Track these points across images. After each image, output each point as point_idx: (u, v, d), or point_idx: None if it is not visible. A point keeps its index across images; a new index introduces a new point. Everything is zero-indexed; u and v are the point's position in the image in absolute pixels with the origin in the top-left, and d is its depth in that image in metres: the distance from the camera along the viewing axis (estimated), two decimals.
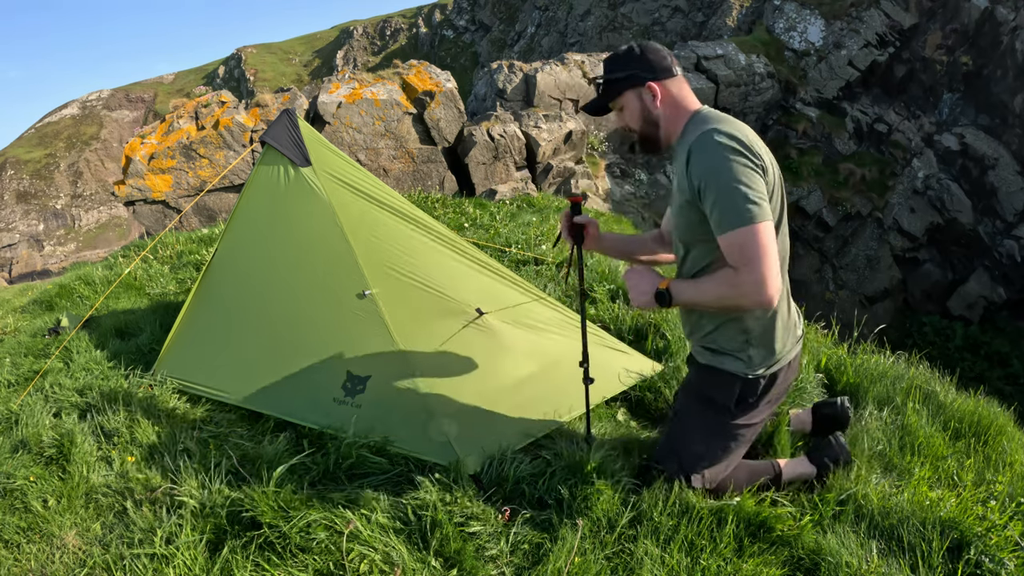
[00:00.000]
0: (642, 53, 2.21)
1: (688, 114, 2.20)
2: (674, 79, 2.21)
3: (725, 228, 1.96)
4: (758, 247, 1.91)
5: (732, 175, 1.94)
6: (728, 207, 1.94)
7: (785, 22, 17.40)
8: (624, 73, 2.21)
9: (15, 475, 2.50)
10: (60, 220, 33.85)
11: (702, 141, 2.02)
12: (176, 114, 8.29)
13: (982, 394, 3.44)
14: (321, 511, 2.20)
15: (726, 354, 2.24)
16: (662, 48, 2.24)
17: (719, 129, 2.01)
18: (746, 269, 1.93)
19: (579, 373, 2.68)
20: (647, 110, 2.22)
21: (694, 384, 2.42)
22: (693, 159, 2.03)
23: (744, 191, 1.93)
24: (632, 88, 2.21)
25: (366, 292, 3.00)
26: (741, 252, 1.94)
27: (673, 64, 2.22)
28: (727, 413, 2.28)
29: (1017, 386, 11.90)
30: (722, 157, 1.96)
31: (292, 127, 3.32)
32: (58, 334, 4.14)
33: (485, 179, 9.53)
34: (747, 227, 1.92)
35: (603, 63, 2.30)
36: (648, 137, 2.26)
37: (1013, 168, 13.71)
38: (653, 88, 2.19)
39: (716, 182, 1.96)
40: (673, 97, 2.20)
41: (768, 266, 1.91)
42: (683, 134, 2.19)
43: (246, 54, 46.03)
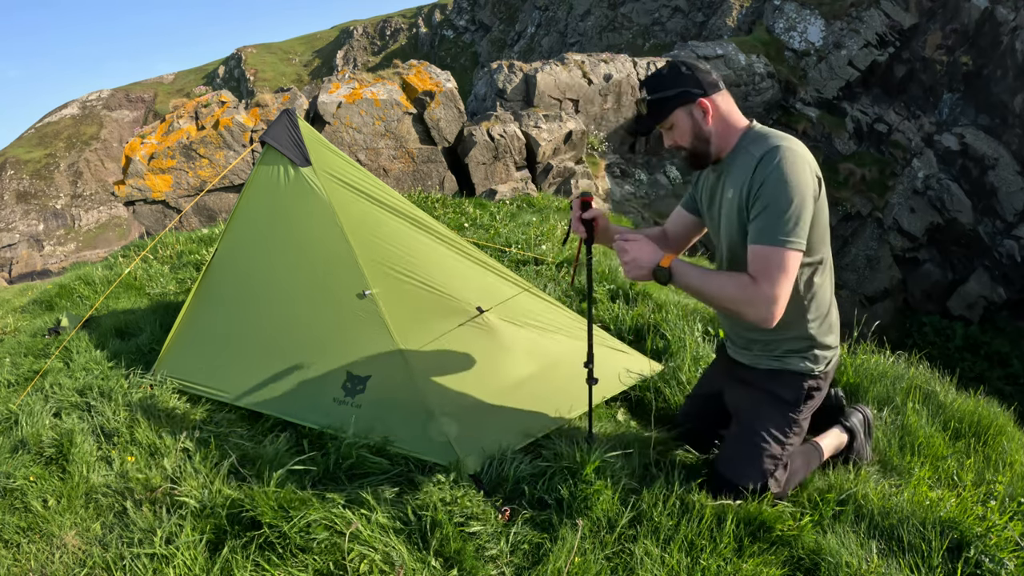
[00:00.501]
0: (689, 70, 2.19)
1: (739, 129, 2.23)
2: (721, 93, 2.22)
3: (763, 240, 2.04)
4: (784, 269, 2.02)
5: (792, 195, 2.01)
6: (774, 222, 2.02)
7: (785, 22, 17.40)
8: (674, 91, 2.19)
9: (15, 475, 2.50)
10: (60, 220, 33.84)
11: (774, 154, 2.05)
12: (176, 114, 8.29)
13: (982, 394, 3.44)
14: (321, 511, 2.20)
15: (793, 355, 2.33)
16: (704, 63, 2.25)
17: (792, 148, 2.06)
18: (766, 283, 2.03)
19: (579, 373, 2.67)
20: (698, 127, 2.21)
21: (758, 388, 2.41)
22: (761, 168, 2.06)
23: (796, 216, 2.02)
24: (682, 106, 2.20)
25: (366, 292, 3.00)
26: (767, 267, 2.03)
27: (718, 79, 2.23)
28: (796, 410, 2.37)
29: (1017, 386, 11.90)
30: (789, 175, 2.02)
31: (292, 127, 3.32)
32: (58, 334, 4.14)
33: (485, 179, 9.53)
34: (783, 248, 2.02)
35: (646, 83, 2.27)
36: (698, 153, 2.26)
37: (1013, 168, 13.71)
38: (704, 104, 2.18)
39: (774, 194, 2.02)
40: (723, 112, 2.21)
41: (784, 290, 2.03)
42: (738, 149, 2.21)
43: (246, 54, 46.02)
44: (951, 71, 15.39)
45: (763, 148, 2.09)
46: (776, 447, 2.36)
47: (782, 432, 2.36)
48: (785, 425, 2.37)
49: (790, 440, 2.39)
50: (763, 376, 2.39)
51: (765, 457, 2.34)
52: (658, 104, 2.22)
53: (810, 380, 2.35)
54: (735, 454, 2.42)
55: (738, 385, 2.50)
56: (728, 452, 2.46)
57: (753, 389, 2.43)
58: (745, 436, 2.39)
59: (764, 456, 2.34)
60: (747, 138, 2.20)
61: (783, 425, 2.37)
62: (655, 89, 2.22)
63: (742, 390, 2.48)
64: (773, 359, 2.36)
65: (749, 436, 2.38)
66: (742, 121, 2.24)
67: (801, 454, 2.53)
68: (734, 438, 2.46)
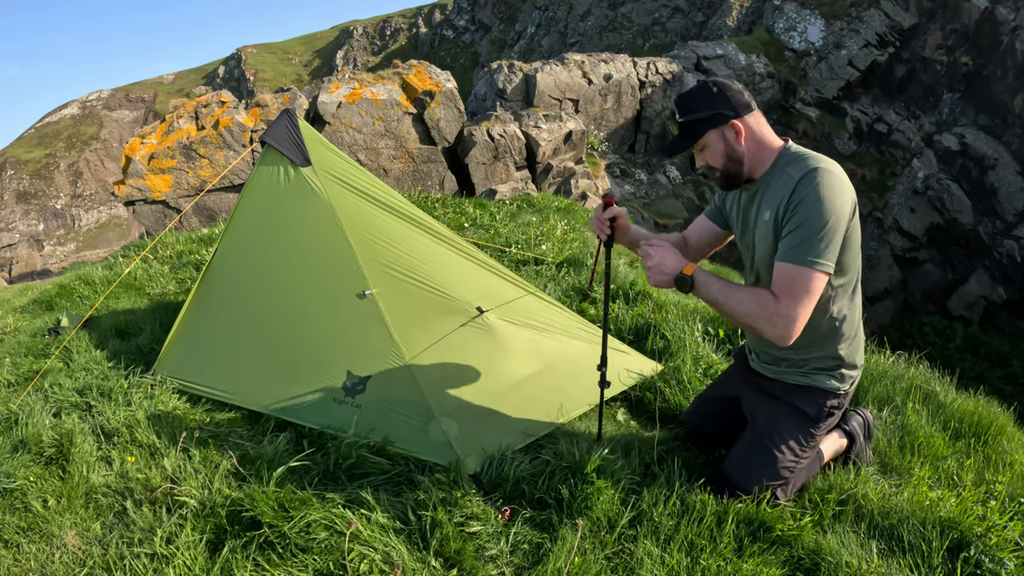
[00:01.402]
0: (720, 91, 2.16)
1: (774, 149, 2.20)
2: (753, 114, 2.18)
3: (791, 259, 2.03)
4: (808, 291, 2.01)
5: (827, 217, 2.00)
6: (806, 242, 2.01)
7: (785, 22, 17.40)
8: (707, 113, 2.15)
9: (15, 475, 2.50)
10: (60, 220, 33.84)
11: (814, 176, 2.03)
12: (176, 114, 8.29)
13: (982, 394, 3.44)
14: (321, 511, 2.20)
15: (820, 373, 2.33)
16: (735, 83, 2.21)
17: (832, 171, 2.04)
18: (788, 302, 2.02)
19: (579, 373, 2.67)
20: (731, 148, 2.18)
21: (780, 399, 2.41)
22: (799, 189, 2.04)
23: (828, 239, 2.00)
24: (715, 128, 2.16)
25: (366, 292, 3.00)
26: (791, 286, 2.02)
27: (751, 99, 2.19)
28: (816, 426, 2.37)
29: (1017, 386, 11.90)
30: (826, 196, 2.00)
31: (292, 127, 3.31)
32: (58, 334, 4.14)
33: (485, 179, 9.53)
34: (810, 269, 2.00)
35: (677, 103, 2.24)
36: (731, 174, 2.23)
37: (1013, 168, 13.71)
38: (737, 126, 2.15)
39: (810, 214, 2.01)
40: (755, 133, 2.18)
41: (806, 311, 2.02)
42: (773, 169, 2.18)
43: (246, 54, 46.01)
44: (951, 71, 15.39)
45: (802, 169, 2.07)
46: (791, 459, 2.36)
47: (799, 445, 2.36)
48: (803, 438, 2.37)
49: (805, 454, 2.39)
50: (787, 389, 2.39)
51: (779, 467, 2.34)
52: (690, 126, 2.19)
53: (833, 399, 2.35)
54: (748, 459, 2.40)
55: (758, 394, 2.49)
56: (741, 456, 2.44)
57: (775, 400, 2.42)
58: (761, 444, 2.38)
59: (778, 466, 2.34)
60: (783, 158, 2.17)
61: (801, 438, 2.36)
62: (687, 110, 2.19)
63: (763, 398, 2.47)
64: (800, 375, 2.36)
65: (766, 444, 2.37)
66: (776, 141, 2.21)
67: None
68: (749, 444, 2.44)
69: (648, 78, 14.09)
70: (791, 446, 2.35)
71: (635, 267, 5.67)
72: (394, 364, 2.87)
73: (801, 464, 2.40)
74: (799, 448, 2.36)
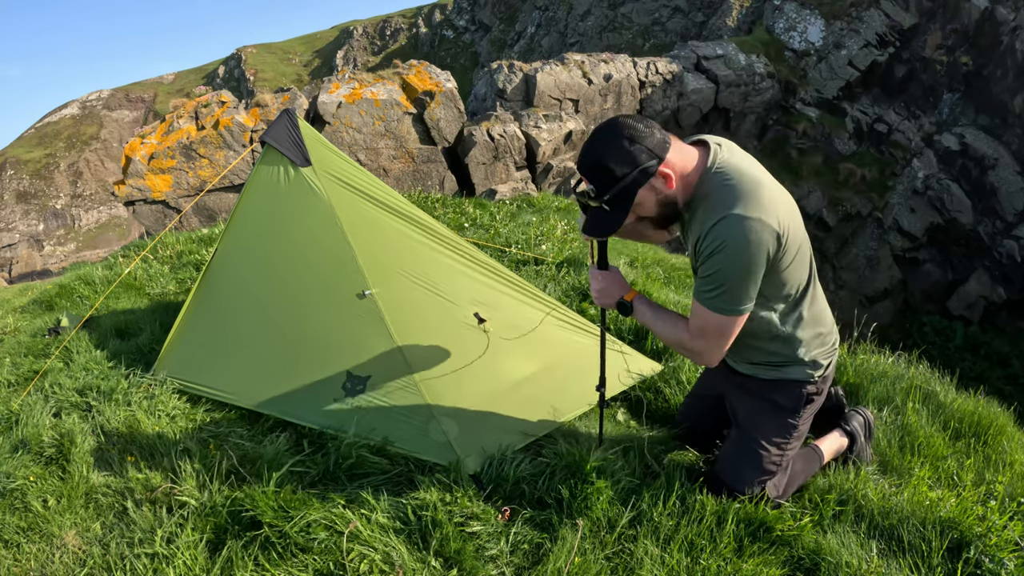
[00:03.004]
0: (633, 139, 1.93)
1: (695, 173, 2.02)
2: (672, 147, 1.99)
3: (704, 302, 2.05)
4: (719, 334, 2.07)
5: (738, 269, 1.95)
6: (717, 290, 2.00)
7: (785, 22, 17.40)
8: (632, 173, 1.94)
9: (15, 475, 2.50)
10: (60, 220, 33.83)
11: (726, 225, 1.90)
12: (176, 114, 8.29)
13: (982, 394, 3.44)
14: (321, 511, 2.20)
15: (791, 365, 2.31)
16: (638, 119, 1.98)
17: (744, 216, 1.89)
18: (699, 341, 2.11)
19: (579, 373, 2.68)
20: (662, 195, 2.02)
21: (757, 395, 2.40)
22: (712, 233, 1.93)
23: (741, 287, 1.98)
24: (644, 184, 1.97)
25: (366, 292, 3.00)
26: (703, 329, 2.08)
27: (661, 130, 1.99)
28: (796, 416, 2.36)
29: (1017, 386, 11.90)
30: (738, 248, 1.90)
31: (292, 127, 3.31)
32: (58, 334, 4.14)
33: (485, 179, 9.53)
34: (723, 316, 2.03)
35: (589, 173, 1.98)
36: (665, 217, 2.10)
37: (1013, 168, 13.70)
38: (664, 172, 1.96)
39: (720, 265, 1.95)
40: (679, 169, 2.00)
41: (717, 349, 2.11)
42: (695, 198, 2.04)
43: (246, 54, 46.00)
44: (951, 71, 15.39)
45: (715, 215, 1.93)
46: (775, 453, 2.36)
47: (782, 438, 2.36)
48: (785, 431, 2.37)
49: (790, 445, 2.39)
50: (762, 384, 2.38)
51: (764, 463, 2.34)
52: (622, 195, 1.97)
53: (809, 386, 2.34)
54: (734, 459, 2.42)
55: (737, 390, 2.49)
56: (727, 456, 2.46)
57: (752, 396, 2.42)
58: (744, 442, 2.40)
59: (763, 462, 2.34)
60: (702, 186, 2.01)
61: (782, 431, 2.36)
62: (610, 180, 1.95)
63: (742, 395, 2.47)
64: (772, 369, 2.35)
65: (748, 442, 2.38)
66: (693, 161, 2.03)
67: (801, 458, 2.54)
68: (733, 443, 2.47)
69: (648, 78, 14.09)
70: (774, 441, 2.35)
71: (635, 267, 5.68)
72: (394, 364, 2.87)
73: (788, 455, 2.40)
74: (783, 441, 2.36)
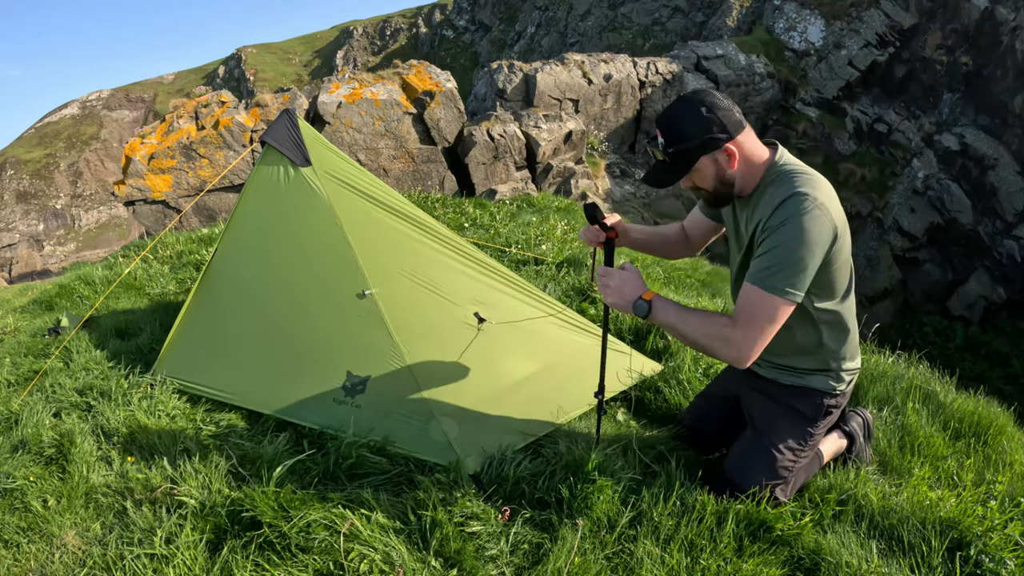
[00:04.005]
0: (711, 111, 2.03)
1: (763, 165, 2.11)
2: (745, 132, 2.09)
3: (759, 283, 1.99)
4: (769, 318, 1.97)
5: (802, 247, 1.94)
6: (776, 268, 1.96)
7: (785, 22, 17.40)
8: (700, 139, 2.03)
9: (15, 475, 2.50)
10: (60, 220, 33.83)
11: (794, 202, 1.96)
12: (176, 114, 8.29)
13: (982, 394, 3.44)
14: (321, 511, 2.20)
15: (816, 375, 2.32)
16: (724, 98, 2.08)
17: (814, 196, 1.96)
18: (746, 327, 1.99)
19: (579, 372, 2.68)
20: (722, 172, 2.10)
21: (778, 399, 2.40)
22: (780, 211, 1.98)
23: (800, 268, 1.95)
24: (707, 153, 2.06)
25: (366, 292, 3.00)
26: (752, 310, 1.98)
27: (741, 115, 2.09)
28: (814, 425, 2.36)
29: (1017, 386, 11.90)
30: (806, 225, 1.94)
31: (292, 127, 3.31)
32: (58, 334, 4.14)
33: (485, 179, 9.53)
34: (776, 296, 1.96)
35: (665, 130, 2.08)
36: (720, 196, 2.17)
37: (1013, 168, 13.71)
38: (730, 149, 2.05)
39: (783, 241, 1.96)
40: (747, 154, 2.09)
41: (764, 337, 1.99)
42: (761, 185, 2.11)
43: (246, 54, 46.00)
44: (951, 71, 15.39)
45: (785, 192, 2.00)
46: (790, 459, 2.36)
47: (798, 444, 2.36)
48: (801, 438, 2.37)
49: (804, 453, 2.39)
50: (784, 390, 2.38)
51: (778, 467, 2.34)
52: (683, 156, 2.08)
53: (831, 399, 2.35)
54: (747, 460, 2.40)
55: (756, 393, 2.48)
56: (740, 457, 2.44)
57: (772, 400, 2.42)
58: (760, 444, 2.38)
59: (777, 466, 2.34)
60: (770, 175, 2.10)
61: (799, 438, 2.36)
62: (677, 138, 2.06)
63: (761, 398, 2.46)
64: (796, 377, 2.35)
65: (764, 445, 2.37)
66: (764, 154, 2.13)
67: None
68: (748, 444, 2.44)
69: (648, 78, 14.09)
70: (790, 446, 2.35)
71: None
72: (394, 364, 2.87)
73: (800, 463, 2.40)
74: (798, 448, 2.36)
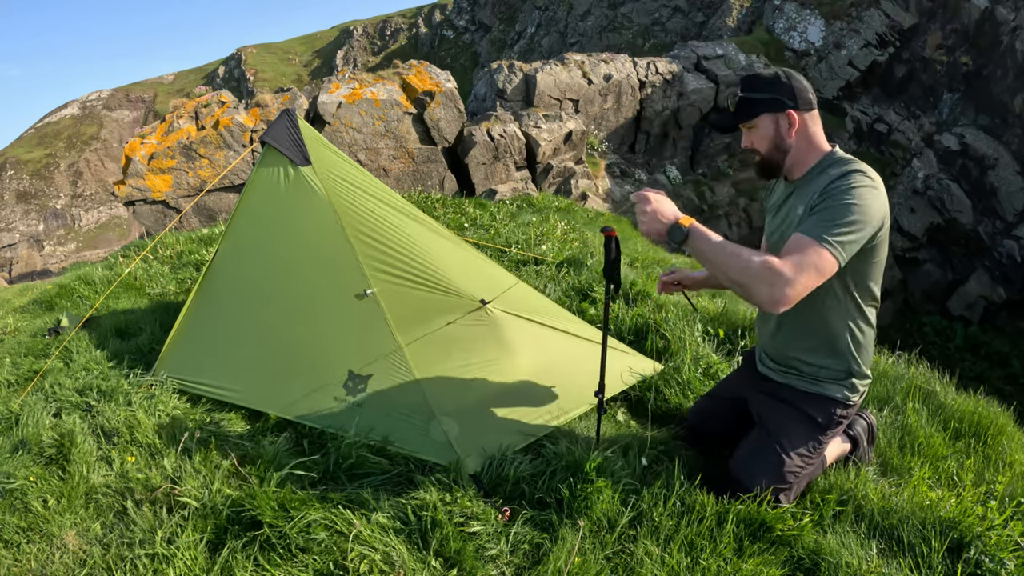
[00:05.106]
0: (788, 80, 2.16)
1: (820, 152, 2.20)
2: (812, 113, 2.19)
3: (811, 232, 1.97)
4: (816, 266, 1.92)
5: (856, 211, 1.98)
6: (829, 223, 1.97)
7: (785, 22, 17.41)
8: (767, 95, 2.16)
9: (15, 475, 2.50)
10: (60, 220, 33.83)
11: (853, 175, 2.03)
12: (176, 114, 8.29)
13: (982, 394, 3.44)
14: (321, 511, 2.20)
15: (831, 382, 2.33)
16: (806, 81, 2.20)
17: (872, 177, 2.04)
18: (792, 268, 1.90)
19: (580, 372, 2.68)
20: (780, 137, 2.19)
21: (790, 404, 2.40)
22: (836, 182, 2.03)
23: (851, 229, 1.96)
24: (770, 112, 2.17)
25: (367, 291, 3.00)
26: (802, 255, 1.93)
27: (815, 99, 2.20)
28: (824, 433, 2.37)
29: (1017, 386, 11.90)
30: (861, 195, 1.99)
31: (292, 127, 3.32)
32: (58, 334, 4.14)
33: (485, 179, 9.53)
34: (824, 247, 1.94)
35: (742, 80, 2.24)
36: (771, 163, 2.24)
37: (1013, 168, 13.71)
38: (792, 116, 2.16)
39: (839, 202, 1.99)
40: (808, 131, 2.19)
41: (806, 284, 1.91)
42: (816, 169, 2.18)
43: (246, 54, 46.00)
44: (951, 71, 15.39)
45: (844, 170, 2.07)
46: (797, 464, 2.35)
47: (807, 450, 2.36)
48: (811, 444, 2.37)
49: (811, 460, 2.39)
50: (797, 395, 2.39)
51: (785, 471, 2.33)
52: (748, 103, 2.19)
53: (843, 408, 2.35)
54: (755, 459, 2.39)
55: (766, 396, 2.48)
56: (748, 456, 2.43)
57: (784, 404, 2.41)
58: (769, 447, 2.37)
59: (784, 470, 2.33)
60: (827, 160, 2.17)
61: (809, 444, 2.36)
62: (749, 88, 2.20)
63: (772, 401, 2.45)
64: (810, 383, 2.35)
65: (774, 448, 2.36)
66: (825, 145, 2.22)
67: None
68: (757, 444, 2.43)
69: (648, 78, 14.09)
70: (799, 451, 2.34)
71: (635, 267, 5.68)
72: (395, 363, 2.87)
73: (806, 470, 2.40)
74: (807, 453, 2.36)
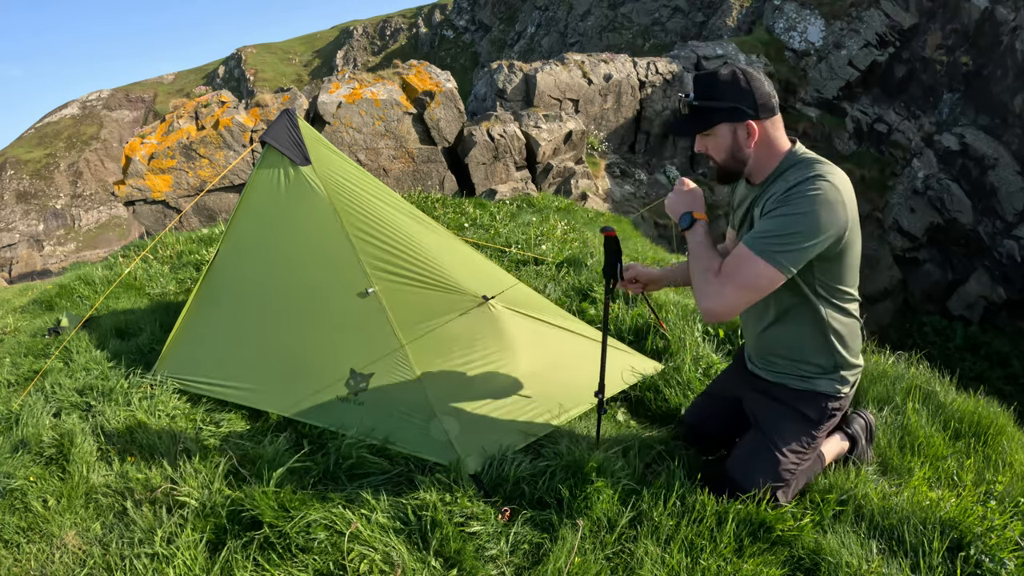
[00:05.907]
0: (749, 84, 2.04)
1: (780, 154, 2.11)
2: (774, 119, 2.08)
3: (752, 244, 1.99)
4: (753, 282, 1.98)
5: (807, 223, 1.94)
6: (772, 234, 1.97)
7: (785, 22, 17.40)
8: (725, 104, 2.04)
9: (15, 475, 2.50)
10: (60, 220, 33.84)
11: (812, 184, 1.96)
12: (176, 114, 8.30)
13: (982, 394, 3.44)
14: (321, 511, 2.20)
15: (819, 378, 2.32)
16: (766, 80, 2.08)
17: (832, 185, 1.97)
18: (728, 284, 2.00)
19: (580, 372, 2.68)
20: (738, 147, 2.10)
21: (781, 401, 2.39)
22: (793, 189, 1.98)
23: (796, 242, 1.95)
24: (728, 122, 2.07)
25: (368, 291, 3.00)
26: (738, 270, 1.99)
27: (776, 103, 2.08)
28: (818, 428, 2.36)
29: (1017, 386, 11.89)
30: (816, 208, 1.94)
31: (292, 127, 3.32)
32: (58, 334, 4.14)
33: (485, 179, 9.53)
34: (765, 262, 1.95)
35: (698, 82, 2.10)
36: (728, 172, 2.17)
37: (1013, 168, 13.70)
38: (752, 127, 2.05)
39: (791, 212, 1.96)
40: (768, 138, 2.09)
41: (738, 299, 2.00)
42: (776, 174, 2.11)
43: (246, 54, 46.00)
44: (951, 71, 15.39)
45: (804, 175, 2.00)
46: (793, 461, 2.35)
47: (801, 447, 2.36)
48: (805, 440, 2.36)
49: (807, 455, 2.39)
50: (788, 392, 2.38)
51: (780, 470, 2.33)
52: (705, 112, 2.08)
53: (834, 401, 2.34)
54: (751, 460, 2.39)
55: (759, 395, 2.47)
56: (743, 457, 2.43)
57: (776, 402, 2.41)
58: (763, 445, 2.37)
59: (780, 469, 2.33)
60: (786, 163, 2.10)
61: (803, 440, 2.36)
62: (706, 94, 2.07)
63: (765, 400, 2.45)
64: (799, 380, 2.35)
65: (767, 446, 2.36)
66: (785, 144, 2.13)
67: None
68: (751, 445, 2.43)
69: (648, 78, 14.09)
70: (793, 448, 2.34)
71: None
72: (397, 362, 2.87)
73: (802, 466, 2.39)
74: (801, 449, 2.36)
